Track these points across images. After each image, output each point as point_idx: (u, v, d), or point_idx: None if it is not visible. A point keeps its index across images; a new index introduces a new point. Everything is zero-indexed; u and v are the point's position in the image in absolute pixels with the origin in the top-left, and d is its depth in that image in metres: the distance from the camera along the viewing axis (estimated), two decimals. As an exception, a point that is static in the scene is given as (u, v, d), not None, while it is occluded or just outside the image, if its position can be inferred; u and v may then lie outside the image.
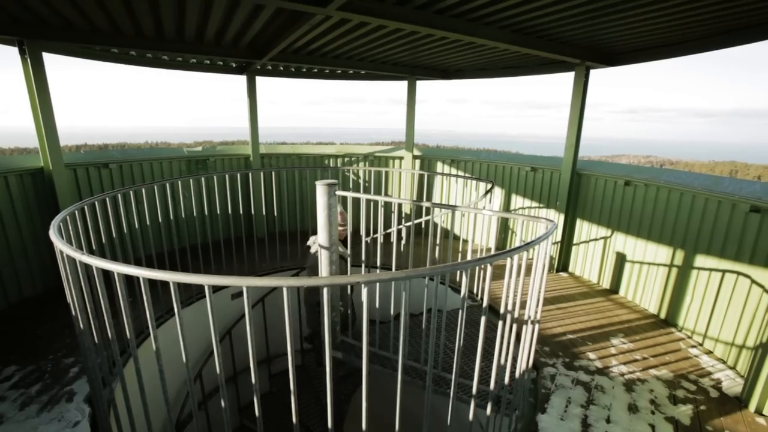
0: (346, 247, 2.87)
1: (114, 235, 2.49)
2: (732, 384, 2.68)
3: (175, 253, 3.48)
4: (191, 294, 3.67)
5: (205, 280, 1.14)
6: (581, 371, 2.80)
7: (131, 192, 2.77)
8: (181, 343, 1.21)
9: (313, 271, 2.87)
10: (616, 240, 4.08)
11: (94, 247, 2.23)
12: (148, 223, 3.14)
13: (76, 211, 2.00)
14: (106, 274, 1.31)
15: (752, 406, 2.42)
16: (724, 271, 3.01)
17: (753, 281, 2.76)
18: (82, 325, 1.51)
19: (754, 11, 2.48)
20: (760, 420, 2.36)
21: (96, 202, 2.36)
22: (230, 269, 4.21)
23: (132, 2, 2.79)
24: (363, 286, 1.13)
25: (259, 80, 5.53)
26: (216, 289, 3.82)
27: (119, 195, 2.62)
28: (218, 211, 3.93)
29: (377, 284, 2.71)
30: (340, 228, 2.95)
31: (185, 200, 4.68)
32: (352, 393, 3.99)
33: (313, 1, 2.44)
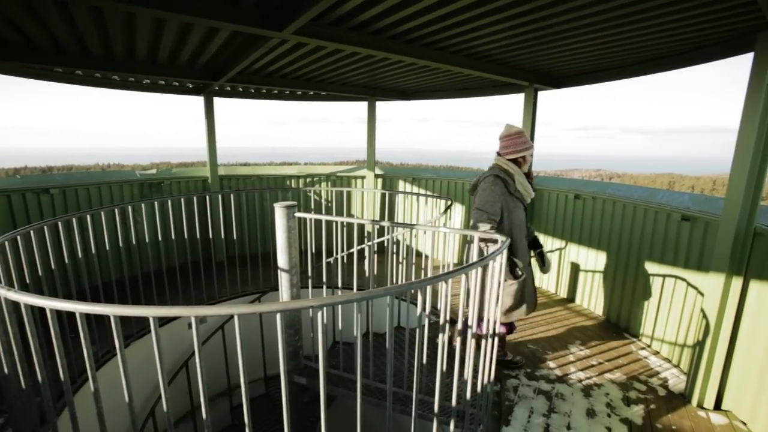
0: None
1: (54, 266, 2.31)
2: (677, 381, 2.85)
3: (130, 281, 3.27)
4: (145, 324, 3.46)
5: (149, 311, 1.09)
6: (542, 381, 2.88)
7: (74, 219, 2.60)
8: (123, 383, 1.14)
9: None
10: (570, 251, 4.29)
11: (28, 281, 2.05)
12: (93, 251, 2.95)
13: (6, 242, 1.85)
14: (43, 311, 1.21)
15: (694, 401, 2.59)
16: (664, 276, 3.24)
17: (688, 284, 2.99)
18: (6, 370, 1.37)
19: (675, 42, 2.78)
20: (702, 413, 2.53)
21: (32, 231, 2.19)
22: (188, 296, 4.01)
23: (75, 20, 2.68)
24: (316, 311, 1.12)
25: (221, 100, 5.45)
26: (169, 318, 3.62)
27: (60, 222, 2.45)
28: (173, 237, 3.76)
29: (340, 306, 2.68)
30: None
31: (138, 226, 4.44)
32: (318, 419, 3.86)
33: (268, 25, 2.47)
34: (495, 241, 2.46)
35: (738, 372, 2.48)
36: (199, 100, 5.32)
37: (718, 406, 2.57)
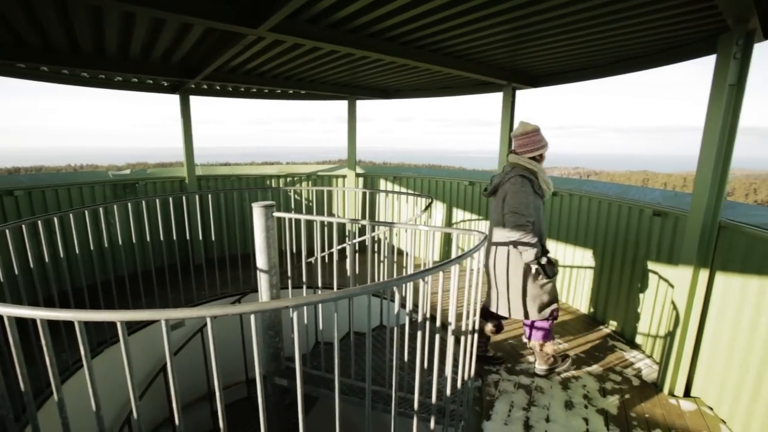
0: None
1: (17, 272, 2.21)
2: (650, 371, 2.95)
3: (104, 285, 3.16)
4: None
5: (117, 316, 1.05)
6: (522, 375, 2.93)
7: (39, 222, 2.49)
8: (90, 391, 1.09)
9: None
10: (549, 246, 4.37)
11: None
12: (62, 255, 2.83)
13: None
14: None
15: (666, 389, 2.69)
16: (638, 270, 3.34)
17: (660, 277, 3.09)
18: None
19: (645, 43, 2.87)
20: (672, 401, 2.63)
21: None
22: (165, 300, 3.90)
23: (36, 12, 2.56)
24: (292, 311, 1.10)
25: (203, 99, 5.35)
26: (147, 321, 3.51)
27: (24, 225, 2.34)
28: (149, 239, 3.65)
29: (320, 306, 2.66)
30: None
31: (111, 228, 4.29)
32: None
33: (243, 22, 2.42)
34: (533, 245, 2.49)
35: (705, 360, 2.58)
36: (175, 99, 5.18)
37: (687, 394, 2.67)
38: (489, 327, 2.98)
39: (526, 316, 2.70)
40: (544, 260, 2.58)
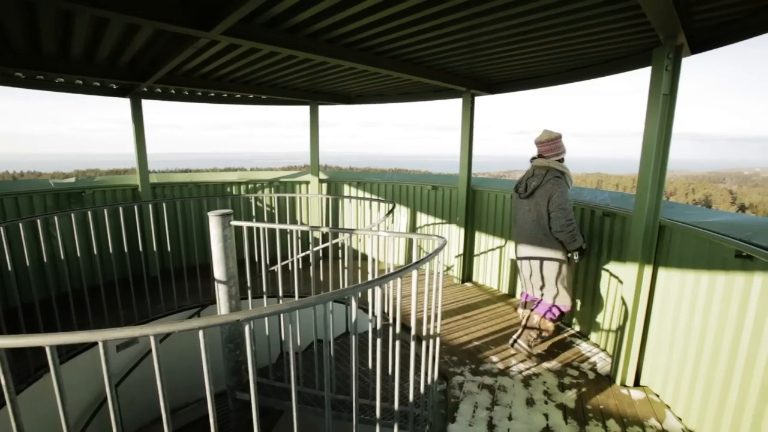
0: None
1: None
2: (604, 364, 3.11)
3: (42, 304, 2.91)
4: (71, 347, 3.12)
5: (46, 340, 0.96)
6: (486, 375, 2.99)
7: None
8: (13, 425, 0.99)
9: None
10: (509, 248, 4.52)
11: None
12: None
13: None
14: None
15: (618, 380, 2.84)
16: (591, 268, 3.52)
17: (611, 274, 3.27)
18: None
19: (590, 54, 3.05)
20: (624, 391, 2.78)
21: None
22: (115, 317, 3.65)
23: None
24: (243, 324, 1.06)
25: (160, 103, 5.08)
26: (87, 345, 3.27)
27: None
28: (96, 251, 3.41)
29: (281, 316, 2.59)
30: None
31: (53, 240, 3.98)
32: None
33: (194, 25, 2.33)
34: (579, 235, 2.95)
35: (651, 351, 2.76)
36: (127, 102, 4.90)
37: (637, 383, 2.84)
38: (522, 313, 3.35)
39: (555, 298, 3.07)
40: (584, 245, 3.06)
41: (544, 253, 3.04)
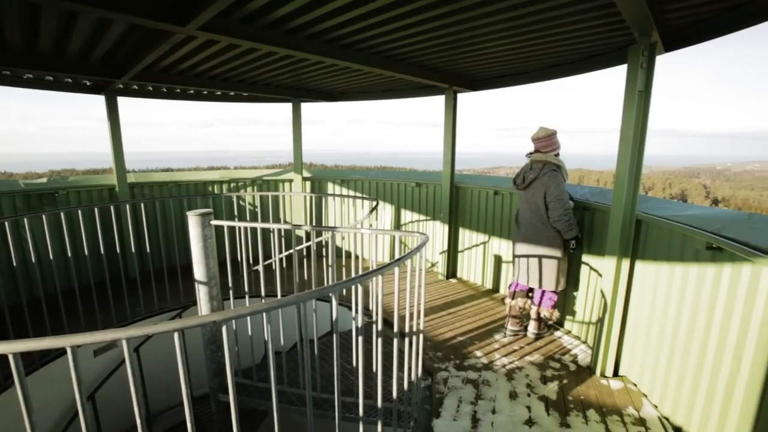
0: None
1: None
2: (585, 356, 3.18)
3: (12, 309, 2.80)
4: (46, 353, 3.02)
5: (9, 347, 0.92)
6: (470, 370, 3.02)
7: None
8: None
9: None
10: (492, 244, 4.58)
11: None
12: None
13: None
14: None
15: (598, 371, 2.91)
16: (574, 262, 3.58)
17: (591, 268, 3.34)
18: None
19: (569, 51, 3.10)
20: (603, 381, 2.85)
21: None
22: (92, 320, 3.55)
23: None
24: (219, 325, 1.04)
25: (138, 101, 4.94)
26: (61, 350, 3.17)
27: None
28: (70, 254, 3.30)
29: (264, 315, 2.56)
30: None
31: (24, 243, 3.84)
32: (252, 436, 3.66)
33: (169, 19, 2.26)
34: (575, 225, 3.14)
35: (629, 342, 2.83)
36: (102, 99, 4.74)
37: (616, 373, 2.91)
38: (519, 304, 3.44)
39: (555, 286, 3.23)
40: (580, 234, 3.24)
41: (543, 241, 3.22)
